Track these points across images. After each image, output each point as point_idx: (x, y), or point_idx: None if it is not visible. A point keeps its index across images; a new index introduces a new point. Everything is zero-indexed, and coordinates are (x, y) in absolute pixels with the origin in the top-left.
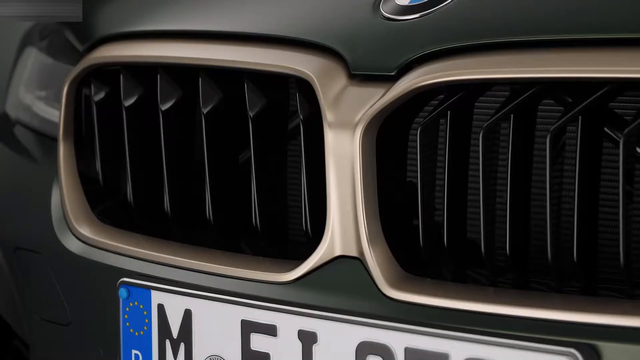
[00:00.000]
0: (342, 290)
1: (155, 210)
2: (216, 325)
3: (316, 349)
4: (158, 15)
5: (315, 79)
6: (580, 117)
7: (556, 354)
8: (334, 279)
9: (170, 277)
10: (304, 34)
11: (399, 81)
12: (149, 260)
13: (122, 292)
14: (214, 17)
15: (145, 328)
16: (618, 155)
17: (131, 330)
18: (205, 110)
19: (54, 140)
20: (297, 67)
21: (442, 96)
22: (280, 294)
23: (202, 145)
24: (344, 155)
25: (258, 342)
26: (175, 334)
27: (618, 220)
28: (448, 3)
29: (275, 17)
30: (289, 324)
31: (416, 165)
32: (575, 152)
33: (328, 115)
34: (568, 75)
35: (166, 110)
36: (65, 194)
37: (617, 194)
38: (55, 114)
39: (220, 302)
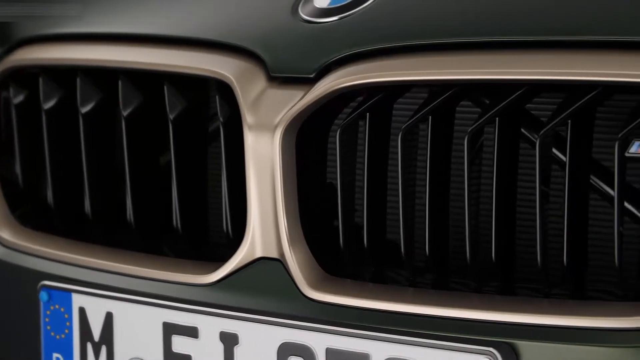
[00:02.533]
0: (263, 291)
1: (76, 212)
2: (138, 327)
3: (238, 351)
4: (78, 17)
5: (234, 81)
6: (497, 119)
7: (475, 353)
8: (255, 280)
9: (91, 280)
10: (223, 37)
11: (318, 83)
12: (69, 263)
13: (43, 296)
14: (134, 19)
15: (66, 331)
16: (534, 156)
17: (52, 334)
18: (125, 113)
19: None
20: (216, 70)
21: (361, 98)
22: (201, 296)
23: (123, 148)
24: (263, 157)
25: (180, 344)
26: (96, 337)
27: (535, 220)
28: (366, 6)
29: (195, 19)
30: (211, 325)
31: (336, 167)
32: (493, 153)
33: (247, 118)
34: (484, 77)
35: (86, 113)
36: None
37: (534, 195)
38: None
39: (142, 305)
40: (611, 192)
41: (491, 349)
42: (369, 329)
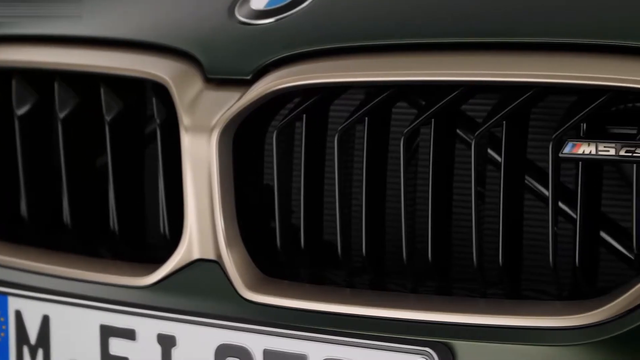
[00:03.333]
0: (201, 293)
1: (12, 215)
2: (75, 330)
3: (175, 352)
4: (14, 19)
5: (170, 83)
6: (433, 120)
7: (412, 353)
8: (192, 282)
9: (27, 283)
10: (160, 38)
11: (255, 85)
12: (5, 266)
13: None
14: (71, 21)
15: (2, 335)
16: (470, 157)
17: None
18: (61, 115)
19: None
20: (152, 71)
21: (298, 99)
22: (139, 298)
23: (59, 150)
24: (200, 159)
25: (117, 346)
26: (33, 340)
27: (471, 220)
28: (303, 8)
29: (132, 21)
30: (148, 327)
31: (273, 168)
32: (429, 154)
33: (184, 119)
34: (420, 79)
35: (22, 115)
36: None
37: (470, 195)
38: None
39: (79, 307)
40: (546, 192)
41: (428, 349)
42: (307, 329)
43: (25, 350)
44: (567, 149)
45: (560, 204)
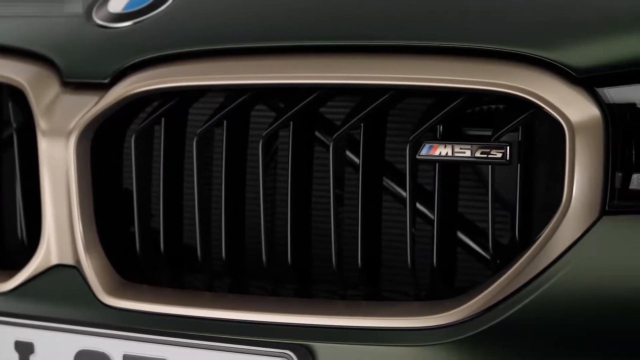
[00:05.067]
0: (60, 299)
1: None
2: None
3: None
4: None
5: (27, 87)
6: (291, 123)
7: (272, 356)
8: (51, 288)
9: None
10: (16, 41)
11: (112, 89)
12: None
13: None
14: None
15: None
16: (329, 159)
17: None
18: None
19: None
20: (8, 75)
21: (157, 103)
22: None
23: None
24: (58, 164)
25: None
26: None
27: (330, 222)
28: (160, 11)
29: None
30: (5, 335)
31: (132, 172)
32: (288, 156)
33: (41, 124)
34: (274, 82)
35: None
36: None
37: (329, 197)
38: None
39: None
40: (404, 193)
41: (288, 352)
42: (166, 334)
43: None
44: (424, 151)
45: (418, 205)
